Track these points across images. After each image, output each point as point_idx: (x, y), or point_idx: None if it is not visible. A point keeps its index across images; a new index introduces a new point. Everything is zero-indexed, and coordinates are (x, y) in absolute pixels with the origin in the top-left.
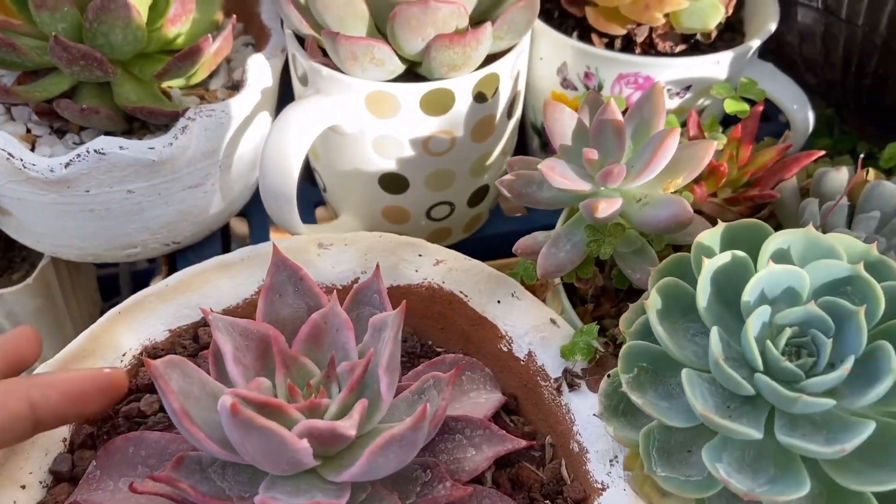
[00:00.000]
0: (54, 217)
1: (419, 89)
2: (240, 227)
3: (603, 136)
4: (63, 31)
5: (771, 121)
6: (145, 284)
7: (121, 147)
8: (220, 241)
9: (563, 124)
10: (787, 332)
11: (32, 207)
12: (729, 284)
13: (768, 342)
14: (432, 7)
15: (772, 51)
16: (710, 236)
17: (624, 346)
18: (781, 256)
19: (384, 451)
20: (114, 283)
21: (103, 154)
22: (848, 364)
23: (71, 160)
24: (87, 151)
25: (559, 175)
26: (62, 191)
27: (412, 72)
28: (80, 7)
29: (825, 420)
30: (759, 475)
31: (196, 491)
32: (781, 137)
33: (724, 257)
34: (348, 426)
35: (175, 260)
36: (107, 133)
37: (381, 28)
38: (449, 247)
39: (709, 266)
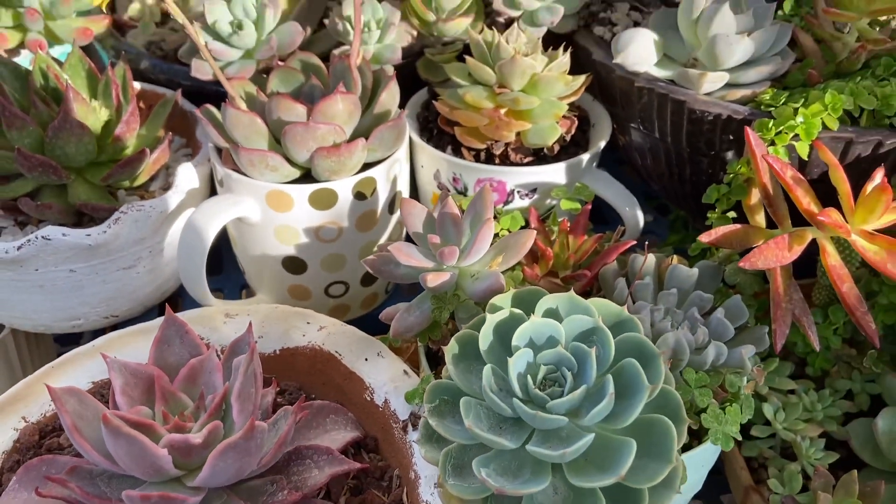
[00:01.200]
0: (10, 292)
1: (307, 189)
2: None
3: (444, 225)
4: (28, 144)
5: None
6: None
7: (63, 234)
8: (156, 316)
9: (416, 216)
10: (543, 368)
11: None
12: (507, 333)
13: (528, 376)
14: (312, 127)
15: (624, 162)
16: (502, 299)
17: (429, 384)
18: (550, 313)
19: (223, 457)
20: None
21: (49, 239)
22: (578, 391)
23: (22, 244)
24: (36, 237)
25: (405, 255)
26: (16, 269)
27: (308, 175)
28: (43, 125)
29: (567, 435)
30: (518, 478)
31: (83, 491)
32: (616, 232)
33: (505, 313)
34: (197, 437)
35: None
36: (60, 225)
37: (278, 142)
38: (348, 321)
39: (491, 319)
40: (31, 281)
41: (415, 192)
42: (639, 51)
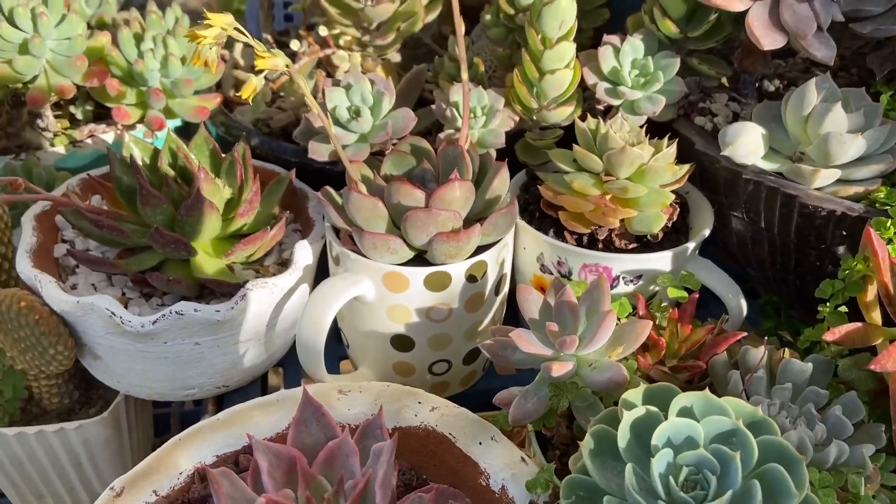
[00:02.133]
0: (136, 362)
1: (423, 272)
2: (273, 377)
3: (562, 313)
4: (160, 221)
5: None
6: (192, 423)
7: (195, 310)
8: (260, 385)
9: (532, 303)
10: (685, 470)
11: (121, 354)
12: (644, 432)
13: (670, 477)
14: (434, 213)
15: (719, 247)
16: (633, 394)
17: (566, 478)
18: (685, 412)
19: None
20: (166, 420)
21: (182, 315)
22: (725, 496)
23: (157, 319)
24: (170, 312)
25: (525, 342)
26: (147, 342)
27: (419, 256)
28: (174, 203)
29: None
30: None
31: None
32: (720, 319)
33: (640, 411)
34: None
35: (223, 400)
36: (183, 297)
37: (396, 224)
38: (447, 398)
39: (628, 417)
40: (157, 352)
41: (514, 272)
42: (747, 144)
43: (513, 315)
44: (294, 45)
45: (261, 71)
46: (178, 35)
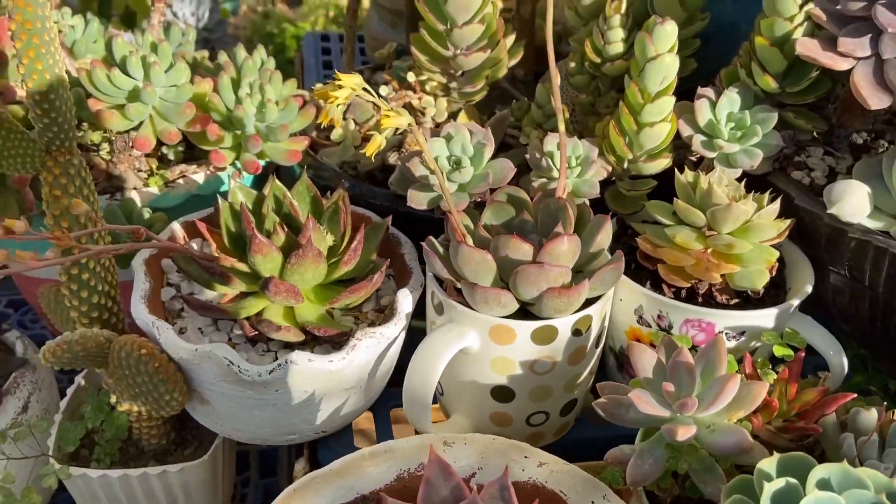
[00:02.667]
0: (244, 409)
1: (532, 325)
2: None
3: (678, 374)
4: (269, 269)
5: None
6: (270, 462)
7: (308, 360)
8: (351, 429)
9: (646, 362)
10: None
11: (230, 400)
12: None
13: None
14: (546, 268)
15: (812, 301)
16: (768, 464)
17: None
18: (824, 485)
19: None
20: (245, 458)
21: (296, 364)
22: None
23: (273, 368)
24: (285, 362)
25: (645, 402)
26: (259, 389)
27: (523, 308)
28: (283, 251)
29: None
30: None
31: None
32: (821, 378)
33: (780, 482)
34: None
35: (316, 444)
36: (287, 344)
37: (502, 277)
38: (541, 448)
39: (768, 489)
40: (267, 399)
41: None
42: (853, 203)
43: (600, 366)
44: (383, 90)
45: (385, 129)
46: (273, 80)
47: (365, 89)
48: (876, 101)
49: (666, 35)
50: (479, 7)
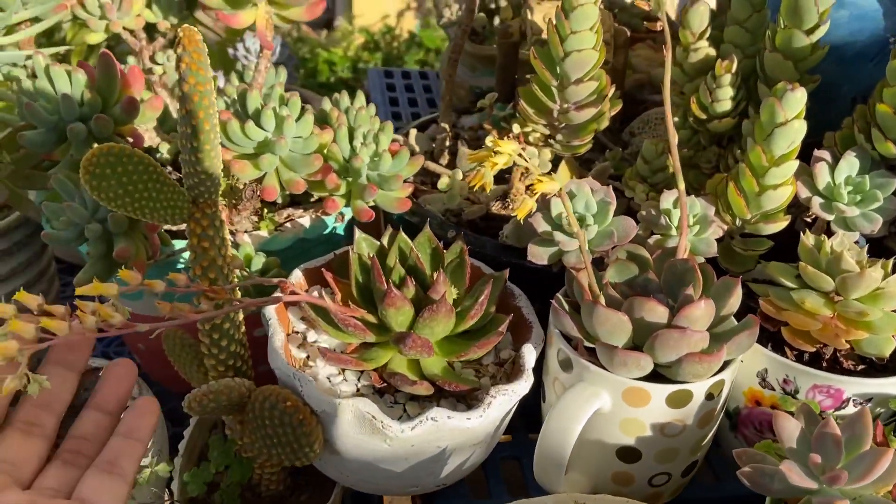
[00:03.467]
0: (377, 462)
1: (667, 389)
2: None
3: (824, 445)
4: (400, 323)
5: None
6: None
7: (448, 417)
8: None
9: (790, 431)
10: None
11: (364, 453)
12: None
13: None
14: (688, 334)
15: None
16: None
17: None
18: None
19: None
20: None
21: (436, 421)
22: None
23: (415, 425)
24: (426, 419)
25: (796, 475)
26: (395, 444)
27: (655, 370)
28: (416, 306)
29: None
30: None
31: None
32: None
33: None
34: None
35: (432, 497)
36: (413, 396)
37: (636, 340)
38: None
39: None
40: (401, 454)
41: None
42: None
43: None
44: (488, 140)
45: (536, 193)
46: (385, 130)
47: (521, 156)
48: None
49: (796, 101)
50: (594, 64)
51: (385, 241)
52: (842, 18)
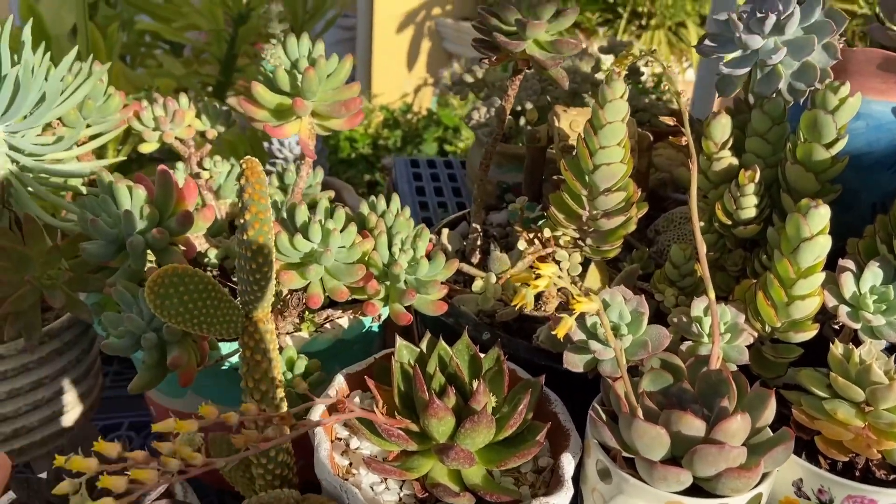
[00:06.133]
0: None
1: (707, 503)
2: None
3: None
4: (442, 433)
5: None
6: None
7: None
8: None
9: None
10: None
11: None
12: None
13: None
14: (726, 450)
15: None
16: None
17: None
18: None
19: None
20: None
21: None
22: None
23: None
24: None
25: None
26: None
27: (695, 483)
28: (457, 415)
29: None
30: None
31: None
32: None
33: None
34: None
35: None
36: None
37: (674, 451)
38: None
39: None
40: None
41: None
42: None
43: None
44: (521, 244)
45: (576, 314)
46: (422, 236)
47: (559, 276)
48: None
49: (820, 217)
50: (622, 176)
51: (424, 346)
52: (859, 129)
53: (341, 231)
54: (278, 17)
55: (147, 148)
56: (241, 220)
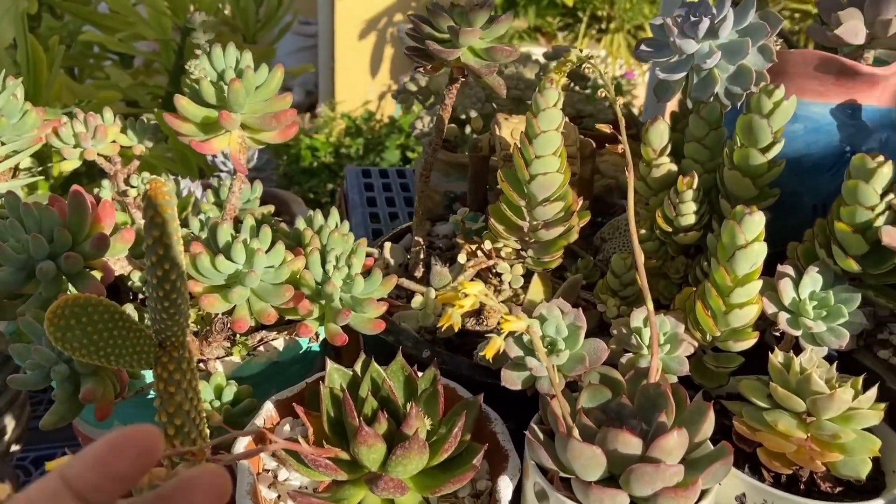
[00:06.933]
0: None
1: None
2: None
3: None
4: (373, 461)
5: None
6: None
7: None
8: None
9: None
10: None
11: None
12: None
13: None
14: (662, 468)
15: None
16: None
17: None
18: None
19: None
20: None
21: None
22: None
23: None
24: None
25: None
26: None
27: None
28: (389, 441)
29: None
30: None
31: None
32: None
33: None
34: None
35: None
36: None
37: (611, 470)
38: None
39: None
40: None
41: None
42: None
43: None
44: (461, 257)
45: (504, 332)
46: (358, 253)
47: (487, 295)
48: None
49: (755, 224)
50: (559, 186)
51: (358, 368)
52: (797, 131)
53: (267, 250)
54: (202, 28)
55: (68, 166)
56: (145, 246)
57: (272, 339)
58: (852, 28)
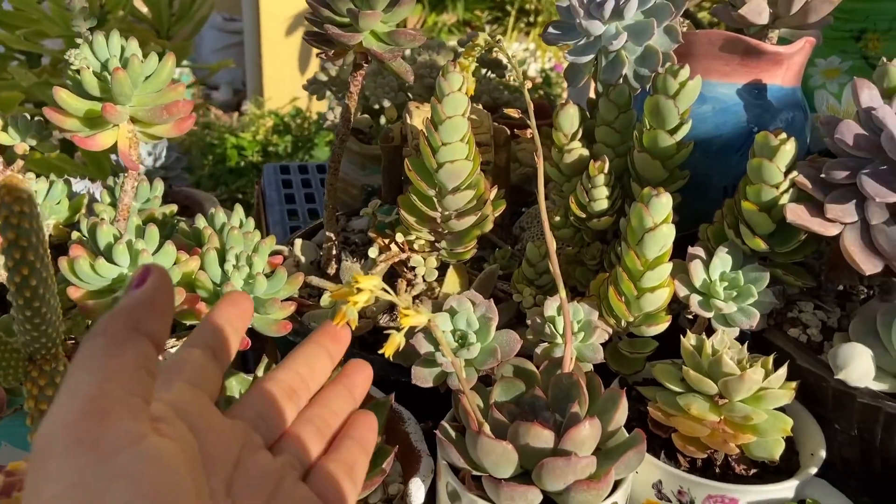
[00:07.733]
0: None
1: None
2: None
3: None
4: None
5: None
6: None
7: None
8: None
9: None
10: None
11: None
12: None
13: None
14: (573, 462)
15: None
16: None
17: None
18: None
19: None
20: None
21: None
22: None
23: None
24: None
25: None
26: None
27: (548, 499)
28: None
29: None
30: None
31: None
32: None
33: None
34: None
35: None
36: None
37: (524, 465)
38: None
39: None
40: None
41: None
42: (860, 368)
43: None
44: (371, 251)
45: (403, 328)
46: (261, 251)
47: (384, 289)
48: (870, 266)
49: (662, 206)
50: (468, 174)
51: (260, 373)
52: (706, 113)
53: (155, 252)
54: (83, 14)
55: None
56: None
57: (171, 347)
58: (756, 7)
